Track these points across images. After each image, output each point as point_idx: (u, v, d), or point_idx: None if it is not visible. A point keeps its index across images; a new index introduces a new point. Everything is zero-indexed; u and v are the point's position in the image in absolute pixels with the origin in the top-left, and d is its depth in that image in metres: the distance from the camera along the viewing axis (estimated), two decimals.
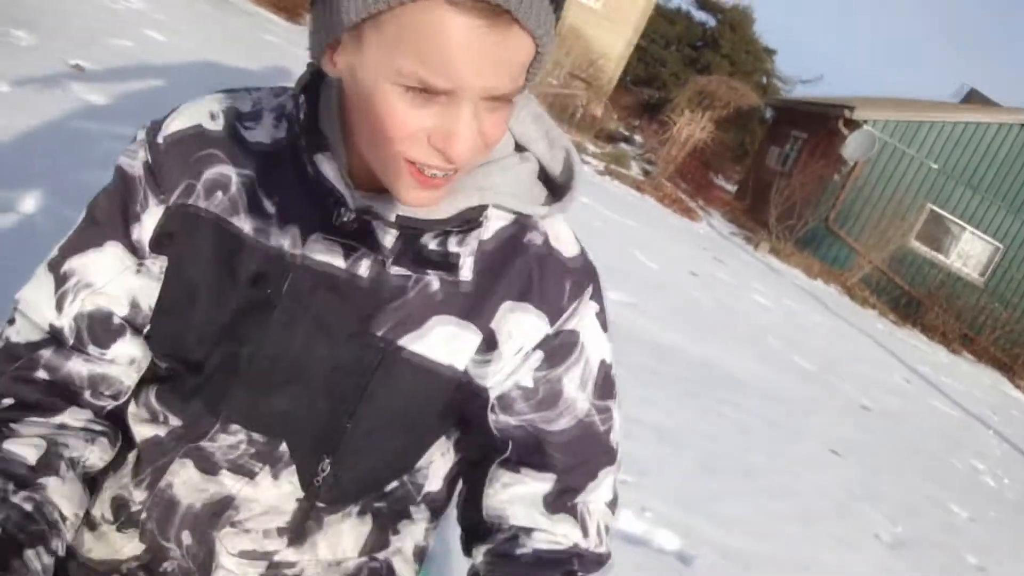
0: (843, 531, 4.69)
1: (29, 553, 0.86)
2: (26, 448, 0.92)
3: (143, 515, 1.01)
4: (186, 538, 1.00)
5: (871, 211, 18.22)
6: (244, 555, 1.00)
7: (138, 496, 1.01)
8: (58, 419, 0.96)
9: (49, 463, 0.93)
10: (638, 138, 22.11)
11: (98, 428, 0.99)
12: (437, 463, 1.05)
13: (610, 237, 9.86)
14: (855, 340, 12.43)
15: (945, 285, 18.47)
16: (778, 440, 5.70)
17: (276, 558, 1.01)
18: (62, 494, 0.93)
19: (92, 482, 1.03)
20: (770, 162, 22.37)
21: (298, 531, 1.00)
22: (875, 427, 7.62)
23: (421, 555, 1.12)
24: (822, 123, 19.57)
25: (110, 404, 1.00)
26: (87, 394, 0.98)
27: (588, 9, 21.87)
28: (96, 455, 0.99)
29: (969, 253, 19.26)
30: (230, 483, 0.98)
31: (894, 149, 18.73)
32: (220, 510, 0.99)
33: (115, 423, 1.03)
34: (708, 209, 18.97)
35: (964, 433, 9.65)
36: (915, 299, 18.36)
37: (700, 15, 35.63)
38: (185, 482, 0.99)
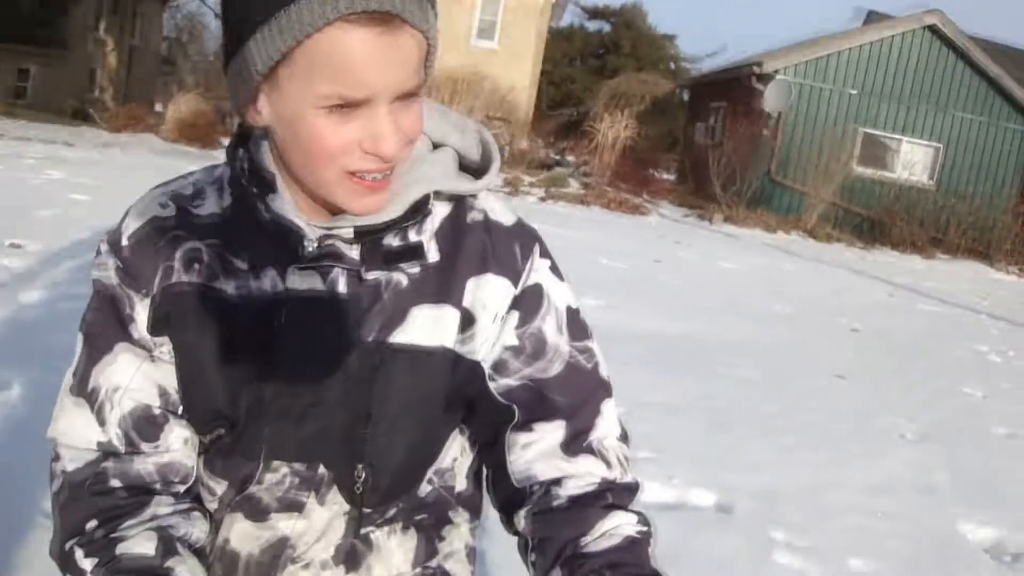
0: (867, 444, 4.76)
1: None
2: (142, 544, 0.97)
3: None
4: None
5: (808, 152, 18.57)
6: None
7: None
8: (149, 512, 1.00)
9: (168, 548, 0.98)
10: (571, 158, 22.38)
11: (186, 506, 1.03)
12: (461, 462, 1.11)
13: (569, 252, 9.96)
14: (829, 274, 12.61)
15: (900, 198, 18.79)
16: (781, 383, 5.80)
17: None
18: (190, 572, 0.98)
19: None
20: (699, 139, 22.72)
21: (352, 553, 1.06)
22: (871, 344, 7.74)
23: (472, 554, 1.18)
24: (736, 87, 20.00)
25: (182, 488, 1.04)
26: (159, 486, 1.02)
27: (487, 51, 22.24)
28: (199, 529, 1.03)
29: (913, 161, 19.61)
30: (282, 524, 1.03)
31: (811, 88, 19.14)
32: (278, 552, 1.04)
33: (194, 501, 1.07)
34: (655, 201, 19.22)
35: (958, 325, 9.79)
36: (875, 221, 18.65)
37: (593, 24, 36.23)
38: (240, 535, 1.05)
